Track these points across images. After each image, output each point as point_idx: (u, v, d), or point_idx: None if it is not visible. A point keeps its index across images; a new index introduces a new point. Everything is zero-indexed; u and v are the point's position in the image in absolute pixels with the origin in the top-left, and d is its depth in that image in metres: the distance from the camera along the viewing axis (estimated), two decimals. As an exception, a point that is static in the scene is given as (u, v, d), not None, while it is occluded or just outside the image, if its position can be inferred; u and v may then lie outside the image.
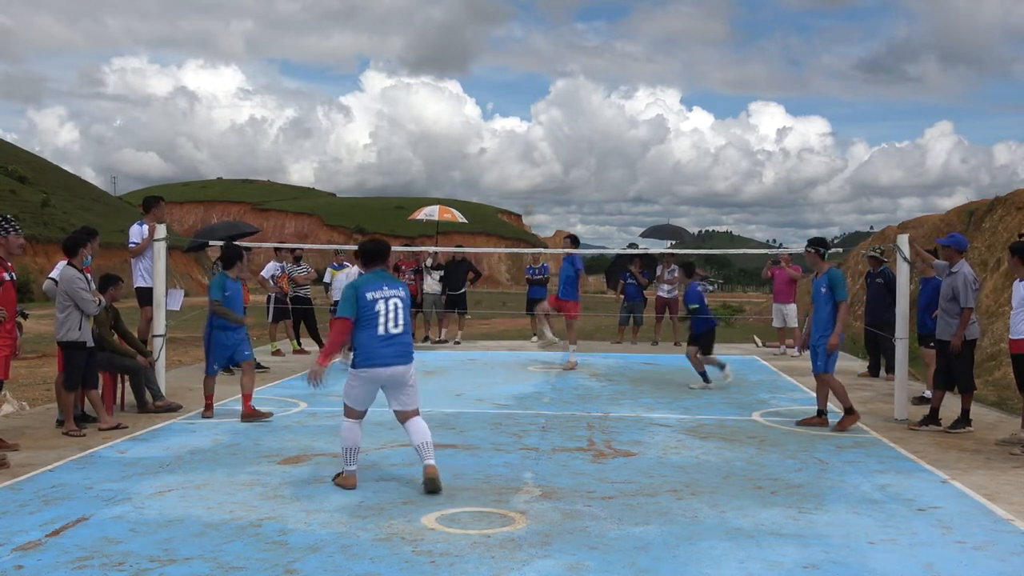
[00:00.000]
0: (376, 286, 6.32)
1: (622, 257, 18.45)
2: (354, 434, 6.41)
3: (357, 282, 6.43)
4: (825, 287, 8.70)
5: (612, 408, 9.97)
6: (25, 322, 8.08)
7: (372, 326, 6.23)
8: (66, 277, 8.15)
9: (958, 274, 8.55)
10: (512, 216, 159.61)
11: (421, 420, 6.44)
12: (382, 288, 6.32)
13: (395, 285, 6.42)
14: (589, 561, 4.87)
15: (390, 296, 6.31)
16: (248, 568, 4.71)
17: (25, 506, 5.82)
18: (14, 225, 7.39)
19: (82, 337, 8.18)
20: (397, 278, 6.72)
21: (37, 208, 68.69)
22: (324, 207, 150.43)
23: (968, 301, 8.43)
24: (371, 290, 6.28)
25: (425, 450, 6.32)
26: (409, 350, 6.37)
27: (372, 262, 6.58)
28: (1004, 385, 11.83)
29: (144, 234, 10.09)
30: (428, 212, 19.71)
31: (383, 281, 6.39)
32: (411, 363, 6.37)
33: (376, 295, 6.27)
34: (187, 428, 8.58)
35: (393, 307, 6.28)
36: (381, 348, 6.22)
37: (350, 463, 6.41)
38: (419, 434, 6.35)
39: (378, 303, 6.25)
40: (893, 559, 4.96)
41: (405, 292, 6.46)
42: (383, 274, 6.52)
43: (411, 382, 6.38)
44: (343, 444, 6.42)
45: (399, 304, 6.32)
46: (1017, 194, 18.36)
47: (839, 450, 7.83)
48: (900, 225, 26.95)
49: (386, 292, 6.32)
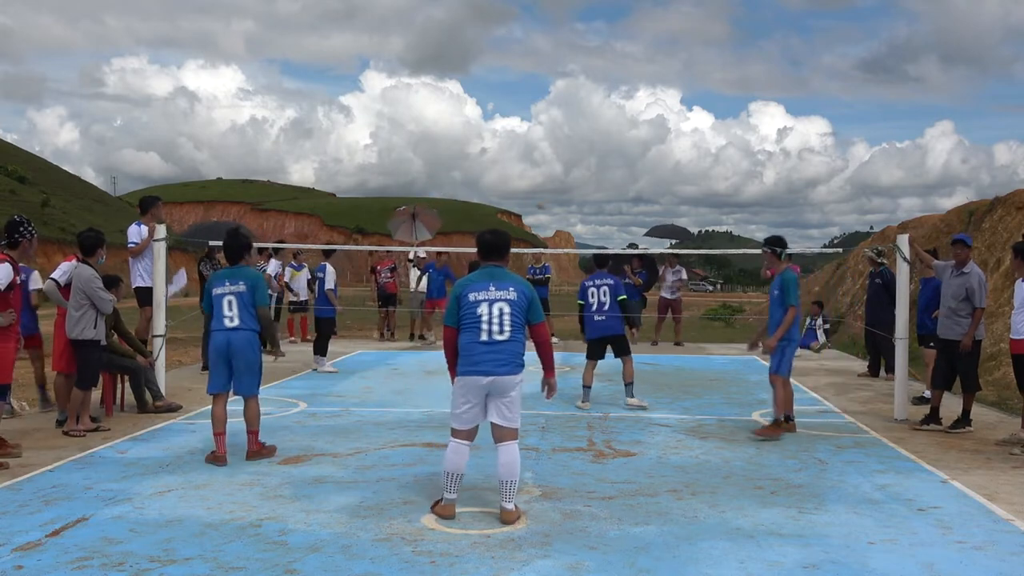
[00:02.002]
0: (481, 286, 5.72)
1: (617, 258, 18.47)
2: (458, 456, 5.70)
3: (459, 283, 5.91)
4: (778, 289, 8.42)
5: (612, 408, 9.97)
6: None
7: (474, 330, 5.66)
8: (84, 276, 8.17)
9: (971, 274, 8.54)
10: (512, 216, 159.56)
11: (513, 449, 5.70)
12: (488, 288, 5.72)
13: (504, 285, 5.72)
14: (589, 561, 4.86)
15: (496, 299, 5.68)
16: (248, 568, 4.70)
17: (25, 506, 5.81)
18: (31, 229, 7.44)
19: (97, 335, 8.25)
20: (515, 275, 5.90)
21: (37, 208, 68.61)
22: (324, 207, 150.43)
23: (983, 301, 8.45)
24: (474, 290, 5.72)
25: (504, 490, 5.66)
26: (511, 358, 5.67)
27: (487, 256, 5.92)
28: (1004, 385, 11.83)
29: (143, 234, 10.08)
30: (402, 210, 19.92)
31: (491, 280, 5.75)
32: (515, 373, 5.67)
33: (479, 296, 5.70)
34: (187, 428, 8.58)
35: (498, 312, 5.66)
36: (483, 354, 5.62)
37: (450, 490, 5.70)
38: (503, 467, 5.68)
39: (481, 305, 5.67)
40: (893, 559, 4.95)
41: (519, 294, 5.72)
42: (495, 271, 5.81)
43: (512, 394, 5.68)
44: (443, 467, 5.77)
45: (504, 309, 5.66)
46: (1017, 194, 18.34)
47: (839, 450, 7.83)
48: (900, 225, 26.94)
49: (492, 293, 5.70)
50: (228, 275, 7.29)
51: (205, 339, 9.13)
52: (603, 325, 9.97)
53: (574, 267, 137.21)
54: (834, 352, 16.92)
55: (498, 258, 5.88)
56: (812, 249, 25.93)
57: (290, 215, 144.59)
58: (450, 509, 5.69)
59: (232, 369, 7.16)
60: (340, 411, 9.59)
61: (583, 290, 10.15)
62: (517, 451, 5.70)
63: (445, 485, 5.70)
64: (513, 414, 5.67)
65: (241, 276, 7.25)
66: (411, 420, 9.07)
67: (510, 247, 6.04)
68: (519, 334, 5.71)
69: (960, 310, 8.52)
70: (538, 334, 5.84)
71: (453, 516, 5.65)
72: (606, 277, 10.10)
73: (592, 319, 10.05)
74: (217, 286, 7.23)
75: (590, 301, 10.03)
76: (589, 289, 10.03)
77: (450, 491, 5.70)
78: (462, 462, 5.70)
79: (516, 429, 5.71)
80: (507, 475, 5.63)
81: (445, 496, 5.73)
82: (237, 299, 7.15)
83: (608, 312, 9.96)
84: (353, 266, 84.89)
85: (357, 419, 9.17)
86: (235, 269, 7.36)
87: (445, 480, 5.70)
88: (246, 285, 7.19)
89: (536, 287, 18.06)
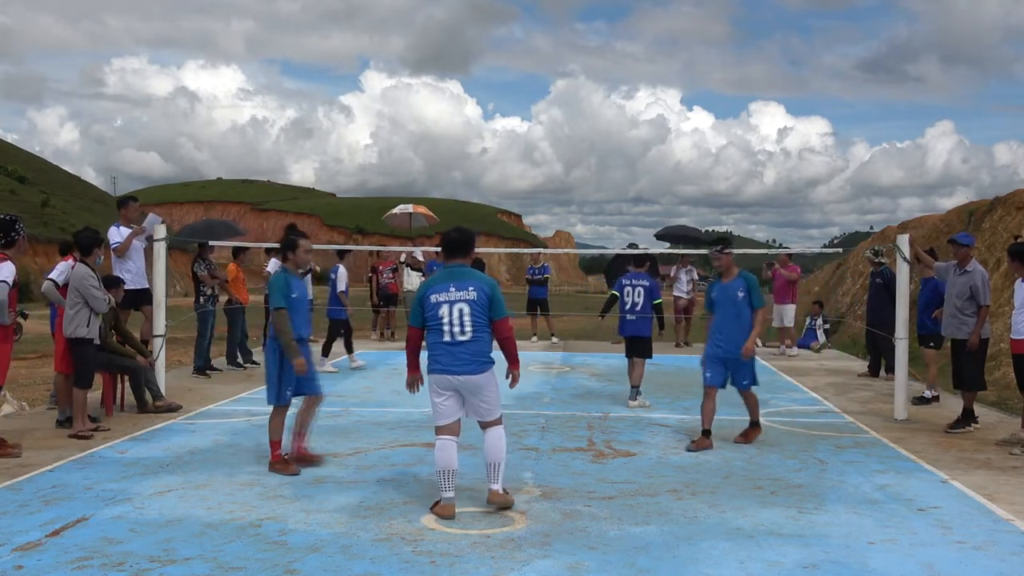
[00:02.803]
0: (442, 288, 5.80)
1: (620, 257, 18.46)
2: (446, 452, 5.78)
3: (422, 284, 6.01)
4: (743, 291, 7.86)
5: (612, 408, 9.97)
6: (25, 322, 8.09)
7: (437, 332, 5.77)
8: (79, 275, 8.20)
9: (974, 272, 8.55)
10: (512, 216, 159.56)
11: (499, 431, 5.90)
12: (448, 290, 5.79)
13: (463, 285, 5.78)
14: (589, 561, 4.87)
15: (456, 300, 5.76)
16: (248, 568, 4.71)
17: (25, 506, 5.81)
18: (23, 227, 7.53)
19: (90, 334, 8.24)
20: (476, 273, 5.98)
21: (37, 208, 68.62)
22: (324, 207, 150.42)
23: (987, 298, 8.46)
24: (435, 292, 5.80)
25: (491, 472, 5.87)
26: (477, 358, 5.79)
27: (450, 255, 5.97)
28: (1004, 385, 11.82)
29: (122, 235, 9.99)
30: (402, 207, 19.95)
31: (451, 281, 5.82)
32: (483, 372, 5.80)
33: (440, 298, 5.78)
34: (187, 428, 8.58)
35: (458, 312, 5.74)
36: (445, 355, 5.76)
37: (447, 488, 5.74)
38: (489, 450, 5.88)
39: (442, 307, 5.76)
40: (893, 559, 4.96)
41: (479, 292, 5.78)
42: (455, 271, 5.88)
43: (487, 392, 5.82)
44: (435, 467, 5.86)
45: (464, 309, 5.74)
46: (1017, 194, 18.34)
47: (839, 450, 7.83)
48: (900, 225, 26.94)
49: (452, 295, 5.77)
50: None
51: (270, 363, 8.95)
52: (632, 325, 10.11)
53: (574, 267, 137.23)
54: (834, 352, 16.92)
55: (462, 256, 5.92)
56: (812, 249, 25.94)
57: (290, 215, 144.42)
58: (449, 509, 5.69)
59: None
60: (340, 411, 9.58)
61: (619, 286, 10.31)
62: (503, 433, 5.90)
63: (441, 484, 5.76)
64: (490, 408, 5.84)
65: None
66: (411, 420, 9.06)
67: (474, 244, 6.03)
68: (482, 333, 5.78)
69: (965, 309, 8.53)
70: (499, 329, 5.87)
71: (453, 516, 5.65)
72: (643, 278, 10.19)
73: (624, 318, 10.20)
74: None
75: (624, 300, 10.12)
76: (625, 288, 10.14)
77: (447, 489, 5.73)
78: (452, 458, 5.76)
79: (499, 416, 5.90)
80: (493, 457, 5.82)
81: (443, 496, 5.75)
82: None
83: (639, 313, 10.08)
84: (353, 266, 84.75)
85: (357, 419, 9.17)
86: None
87: (440, 479, 5.76)
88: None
89: (535, 287, 18.19)
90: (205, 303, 12.20)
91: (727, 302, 7.93)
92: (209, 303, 12.25)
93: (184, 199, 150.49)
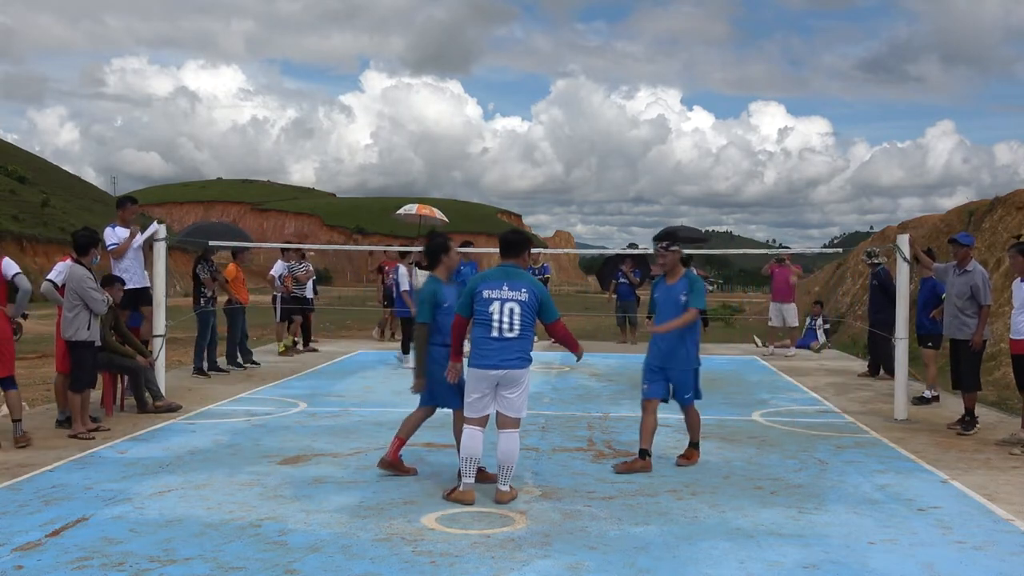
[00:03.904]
0: (496, 284, 6.00)
1: (612, 258, 18.50)
2: (472, 440, 5.97)
3: (475, 277, 6.18)
4: (686, 294, 6.94)
5: (612, 408, 9.97)
6: (25, 322, 8.09)
7: (485, 327, 5.97)
8: (76, 276, 8.13)
9: (975, 272, 8.54)
10: (512, 216, 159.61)
11: (514, 437, 6.04)
12: (502, 287, 5.99)
13: (517, 286, 6.00)
14: (589, 561, 4.87)
15: (508, 299, 5.96)
16: (248, 568, 4.71)
17: (25, 506, 5.81)
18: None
19: (91, 336, 8.18)
20: (529, 276, 6.19)
21: (37, 208, 68.64)
22: (324, 207, 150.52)
23: (988, 298, 8.46)
24: (489, 288, 6.00)
25: (501, 474, 6.01)
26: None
27: (505, 255, 6.20)
28: (1004, 385, 11.83)
29: (117, 236, 9.96)
30: (407, 208, 19.92)
31: (505, 280, 6.03)
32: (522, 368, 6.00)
33: (492, 294, 5.98)
34: (187, 428, 8.58)
35: (509, 311, 5.94)
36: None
37: (468, 474, 5.96)
38: (503, 453, 6.01)
39: (493, 303, 5.96)
40: (893, 559, 4.96)
41: (530, 295, 6.00)
42: (510, 271, 6.11)
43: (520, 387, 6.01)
44: (460, 452, 6.04)
45: (515, 309, 5.95)
46: (1017, 194, 18.36)
47: (839, 450, 7.83)
48: (900, 225, 26.96)
49: (505, 293, 5.97)
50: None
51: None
52: None
53: (574, 267, 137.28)
54: (834, 352, 16.92)
55: (514, 256, 6.18)
56: (812, 249, 25.95)
57: (290, 215, 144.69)
58: (469, 495, 5.88)
59: None
60: (340, 411, 9.58)
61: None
62: (517, 439, 6.05)
63: (463, 470, 5.96)
64: (519, 405, 6.01)
65: None
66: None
67: (528, 248, 6.32)
68: (528, 331, 6.05)
69: (966, 309, 8.52)
70: (554, 331, 6.25)
71: (472, 501, 5.83)
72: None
73: None
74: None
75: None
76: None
77: (468, 475, 5.94)
78: (478, 446, 5.98)
79: (520, 419, 6.06)
80: (505, 460, 5.97)
81: (463, 481, 5.95)
82: None
83: None
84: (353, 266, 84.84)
85: (357, 419, 9.17)
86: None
87: (462, 465, 5.97)
88: None
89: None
90: (205, 305, 12.20)
91: (669, 305, 7.00)
92: (208, 305, 12.25)
93: (184, 199, 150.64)
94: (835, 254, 31.66)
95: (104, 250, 9.59)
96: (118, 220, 10.15)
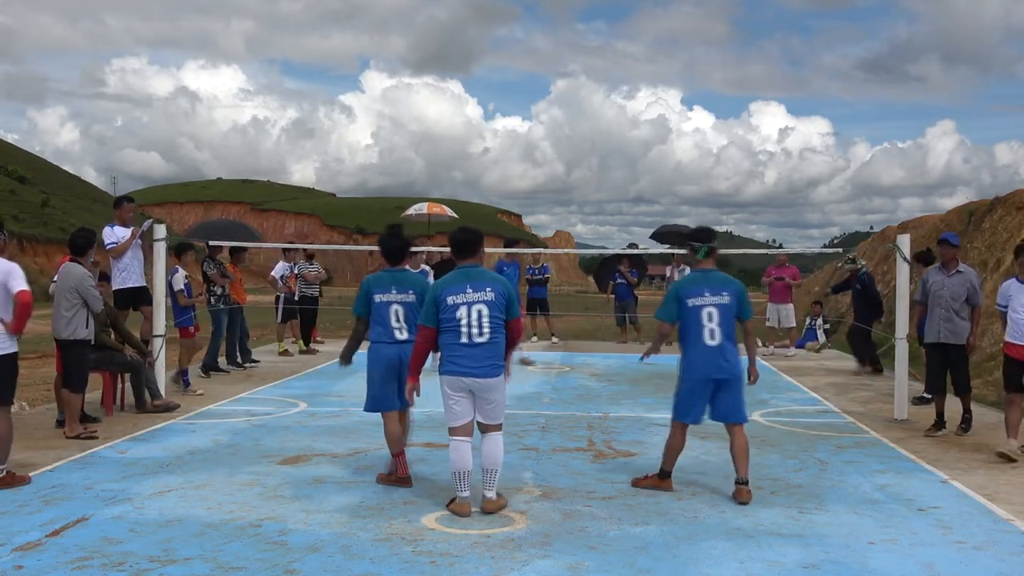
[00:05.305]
0: (458, 288, 5.72)
1: (610, 259, 18.54)
2: (459, 454, 5.74)
3: (435, 284, 5.86)
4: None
5: (612, 408, 9.97)
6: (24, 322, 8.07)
7: (454, 333, 5.70)
8: (76, 275, 8.11)
9: (968, 272, 8.46)
10: (512, 216, 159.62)
11: (497, 438, 5.87)
12: (465, 291, 5.72)
13: (481, 286, 5.73)
14: (589, 561, 4.87)
15: (474, 301, 5.69)
16: (248, 568, 4.71)
17: (25, 506, 5.82)
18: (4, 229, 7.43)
19: (89, 335, 8.19)
20: (490, 273, 5.95)
21: (37, 208, 68.60)
22: (324, 207, 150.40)
23: (981, 299, 8.41)
24: (452, 293, 5.72)
25: (486, 479, 5.83)
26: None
27: (460, 256, 5.89)
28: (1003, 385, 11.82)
29: (116, 235, 9.95)
30: (417, 208, 19.90)
31: (467, 282, 5.75)
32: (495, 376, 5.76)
33: (457, 299, 5.70)
34: (187, 428, 8.58)
35: (477, 314, 5.68)
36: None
37: (462, 488, 5.75)
38: (486, 456, 5.85)
39: (460, 308, 5.69)
40: (893, 559, 4.96)
41: (496, 294, 5.74)
42: (470, 271, 5.81)
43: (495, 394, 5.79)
44: (450, 468, 5.81)
45: (483, 311, 5.69)
46: (1017, 194, 18.34)
47: (839, 450, 7.83)
48: (900, 225, 26.94)
49: (470, 296, 5.70)
50: (393, 280, 6.46)
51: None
52: None
53: (574, 267, 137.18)
54: (834, 352, 16.91)
55: (471, 256, 5.85)
56: (812, 249, 25.94)
57: (290, 215, 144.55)
58: (465, 507, 5.73)
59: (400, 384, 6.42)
60: (340, 411, 9.58)
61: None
62: (501, 441, 5.89)
63: (456, 485, 5.77)
64: (496, 413, 5.82)
65: (409, 284, 6.48)
66: (410, 420, 9.04)
67: (483, 244, 5.97)
68: (498, 335, 5.76)
69: (961, 311, 8.41)
70: (511, 329, 5.90)
71: (468, 514, 5.69)
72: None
73: None
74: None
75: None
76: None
77: (462, 489, 5.75)
78: (466, 459, 5.74)
79: (501, 423, 5.89)
80: (489, 463, 5.80)
81: (458, 495, 5.78)
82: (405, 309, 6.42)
83: None
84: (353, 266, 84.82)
85: (357, 419, 9.15)
86: (398, 273, 6.52)
87: (455, 480, 5.77)
88: (415, 294, 6.43)
89: (535, 287, 18.22)
90: (216, 303, 12.20)
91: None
92: (220, 303, 12.25)
93: (184, 199, 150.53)
94: (835, 254, 31.63)
95: (103, 249, 9.61)
96: (116, 219, 10.16)
